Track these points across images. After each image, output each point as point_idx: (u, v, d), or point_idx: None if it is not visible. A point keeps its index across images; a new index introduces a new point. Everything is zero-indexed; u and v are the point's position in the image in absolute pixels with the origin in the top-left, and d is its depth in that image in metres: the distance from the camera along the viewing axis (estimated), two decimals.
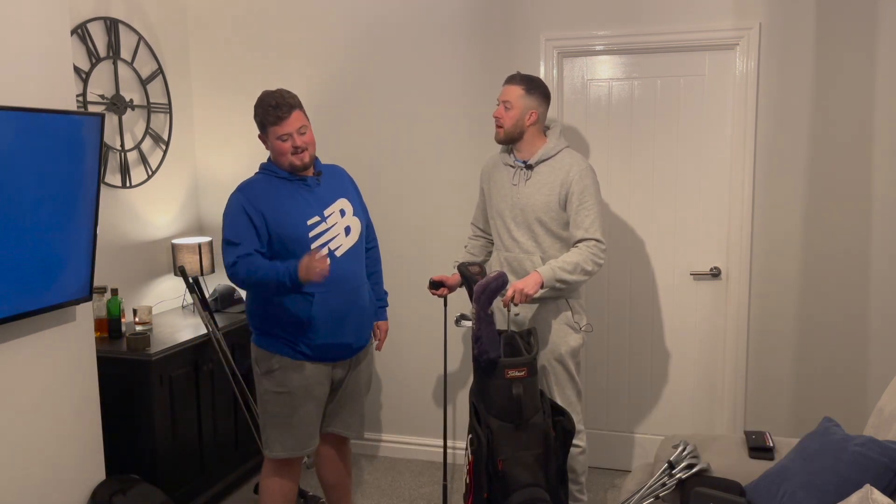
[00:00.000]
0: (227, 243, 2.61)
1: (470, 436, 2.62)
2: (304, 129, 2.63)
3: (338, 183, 2.82)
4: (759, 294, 3.44)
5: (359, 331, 2.76)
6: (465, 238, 3.33)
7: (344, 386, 2.81)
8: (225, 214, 2.66)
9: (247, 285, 2.63)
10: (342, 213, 2.73)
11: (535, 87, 2.87)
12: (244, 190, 2.67)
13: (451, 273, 3.15)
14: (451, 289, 3.14)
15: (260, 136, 2.68)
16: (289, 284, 2.52)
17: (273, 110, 2.58)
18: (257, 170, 2.77)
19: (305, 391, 2.68)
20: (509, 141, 2.92)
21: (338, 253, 2.67)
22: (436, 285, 3.13)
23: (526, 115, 2.86)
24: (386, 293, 3.03)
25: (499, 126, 2.90)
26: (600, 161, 3.52)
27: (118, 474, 3.03)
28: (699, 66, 3.39)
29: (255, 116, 2.64)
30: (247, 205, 2.61)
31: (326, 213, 2.68)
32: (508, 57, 3.54)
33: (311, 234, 2.63)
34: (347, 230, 2.72)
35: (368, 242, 2.91)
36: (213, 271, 3.86)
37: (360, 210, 2.83)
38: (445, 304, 3.21)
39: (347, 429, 2.86)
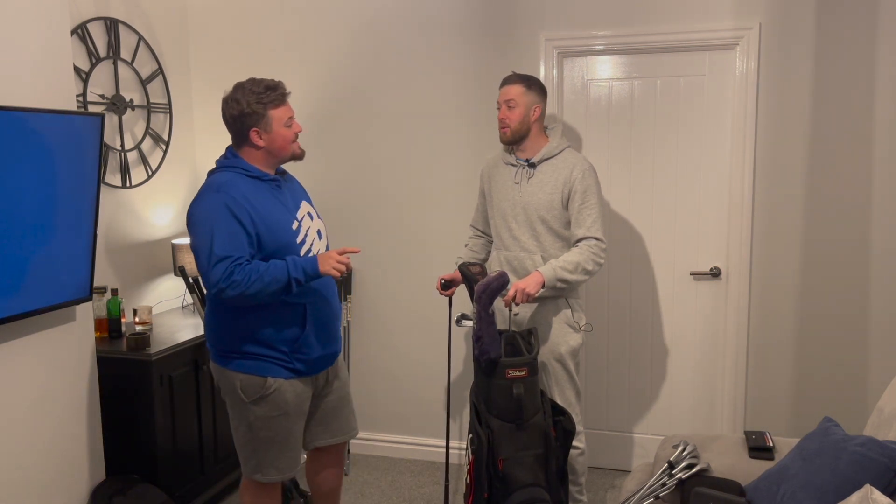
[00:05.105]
0: (213, 259, 2.23)
1: (470, 435, 2.63)
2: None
3: (294, 184, 2.61)
4: (759, 294, 3.44)
5: (338, 336, 2.65)
6: (465, 238, 3.33)
7: (331, 393, 2.68)
8: (200, 221, 2.30)
9: (245, 296, 2.26)
10: (310, 216, 2.54)
11: (534, 84, 2.89)
12: (225, 189, 2.31)
13: (453, 271, 3.15)
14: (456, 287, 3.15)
15: (253, 131, 2.36)
16: (303, 280, 2.30)
17: (272, 92, 2.34)
18: (213, 167, 2.46)
19: (298, 409, 2.54)
20: (516, 140, 2.91)
21: None
22: (447, 285, 3.13)
23: (531, 111, 2.86)
24: None
25: (504, 127, 2.88)
26: (600, 161, 3.51)
27: (118, 474, 3.03)
28: (699, 66, 3.39)
29: (245, 107, 2.33)
30: (234, 206, 2.28)
31: (299, 215, 2.47)
32: (508, 57, 3.53)
33: (298, 239, 2.44)
34: (319, 234, 2.57)
35: None
36: None
37: (318, 214, 2.63)
38: (450, 304, 3.21)
39: (350, 431, 2.78)
